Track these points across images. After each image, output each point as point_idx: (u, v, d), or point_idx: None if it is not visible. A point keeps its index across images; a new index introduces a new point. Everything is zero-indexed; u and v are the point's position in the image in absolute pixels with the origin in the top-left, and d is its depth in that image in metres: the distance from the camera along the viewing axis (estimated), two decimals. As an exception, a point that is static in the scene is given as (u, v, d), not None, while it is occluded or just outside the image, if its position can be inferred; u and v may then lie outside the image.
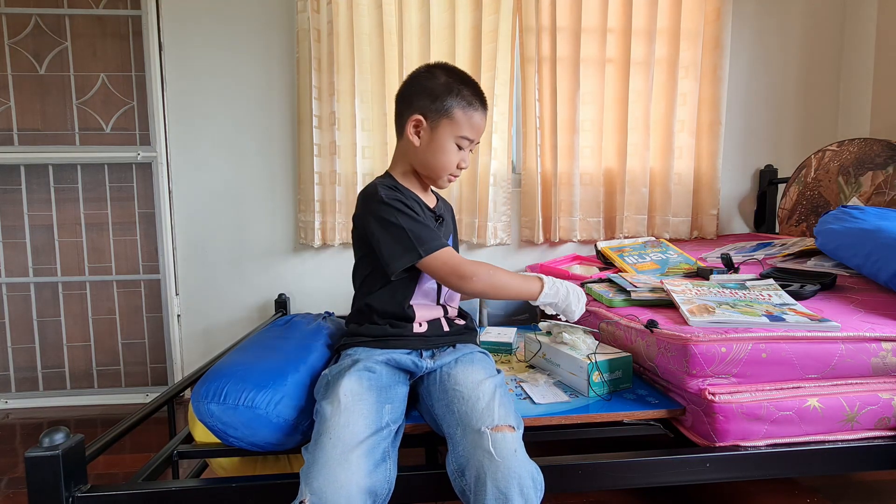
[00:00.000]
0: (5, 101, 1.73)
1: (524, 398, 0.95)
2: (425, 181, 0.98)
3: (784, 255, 1.38)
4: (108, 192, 1.79)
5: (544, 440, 0.90)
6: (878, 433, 0.88)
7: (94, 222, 1.79)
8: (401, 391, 0.84)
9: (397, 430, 0.79)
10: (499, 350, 1.20)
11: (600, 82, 1.79)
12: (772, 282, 1.09)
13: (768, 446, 0.85)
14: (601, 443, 0.92)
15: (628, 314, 1.06)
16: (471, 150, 0.96)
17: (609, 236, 1.88)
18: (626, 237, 1.83)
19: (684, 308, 0.96)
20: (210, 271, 1.81)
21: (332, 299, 1.82)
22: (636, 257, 1.46)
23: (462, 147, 0.92)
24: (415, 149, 0.93)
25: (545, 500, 0.70)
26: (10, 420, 1.70)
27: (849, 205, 1.34)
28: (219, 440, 0.86)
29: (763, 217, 1.99)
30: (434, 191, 1.05)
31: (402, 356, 0.87)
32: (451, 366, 0.88)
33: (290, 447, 0.85)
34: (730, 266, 1.28)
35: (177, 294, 1.81)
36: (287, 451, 0.87)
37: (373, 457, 0.70)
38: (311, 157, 1.70)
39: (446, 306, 0.98)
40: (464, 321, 1.01)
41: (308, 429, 0.84)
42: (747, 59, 1.96)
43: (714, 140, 1.84)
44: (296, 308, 1.83)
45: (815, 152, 1.75)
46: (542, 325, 1.14)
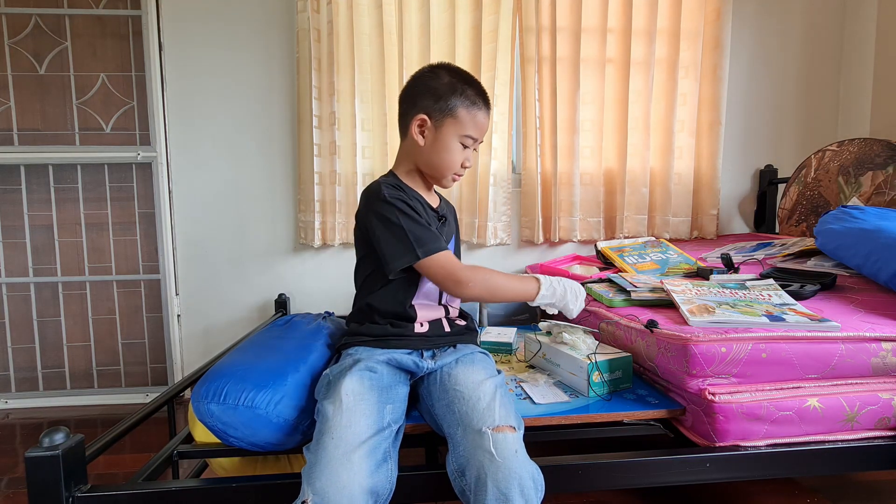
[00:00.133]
0: (5, 101, 1.73)
1: (524, 398, 0.95)
2: (429, 181, 0.98)
3: (784, 255, 1.38)
4: (108, 192, 1.79)
5: (544, 440, 0.90)
6: (878, 433, 0.88)
7: (94, 222, 1.79)
8: (402, 391, 0.84)
9: (398, 430, 0.79)
10: (499, 350, 1.20)
11: (600, 82, 1.79)
12: (772, 282, 1.09)
13: (768, 446, 0.85)
14: (601, 443, 0.92)
15: (628, 314, 1.06)
16: (474, 150, 0.96)
17: (609, 236, 1.88)
18: (626, 237, 1.83)
19: (684, 308, 0.96)
20: (210, 271, 1.81)
21: (332, 299, 1.82)
22: (636, 257, 1.46)
23: (466, 146, 0.93)
24: (419, 148, 0.93)
25: (545, 500, 0.70)
26: (10, 420, 1.70)
27: (849, 205, 1.34)
28: (219, 440, 0.86)
29: (763, 217, 1.99)
30: (437, 191, 1.05)
31: (403, 356, 0.87)
32: (452, 366, 0.88)
33: (291, 447, 0.85)
34: (730, 266, 1.28)
35: (177, 294, 1.81)
36: (287, 451, 0.87)
37: (375, 457, 0.70)
38: (311, 157, 1.70)
39: (448, 306, 0.98)
40: (465, 321, 1.01)
41: (308, 429, 0.84)
42: (747, 59, 1.96)
43: (714, 140, 1.84)
44: (296, 308, 1.83)
45: (815, 152, 1.75)
46: (542, 325, 1.14)
